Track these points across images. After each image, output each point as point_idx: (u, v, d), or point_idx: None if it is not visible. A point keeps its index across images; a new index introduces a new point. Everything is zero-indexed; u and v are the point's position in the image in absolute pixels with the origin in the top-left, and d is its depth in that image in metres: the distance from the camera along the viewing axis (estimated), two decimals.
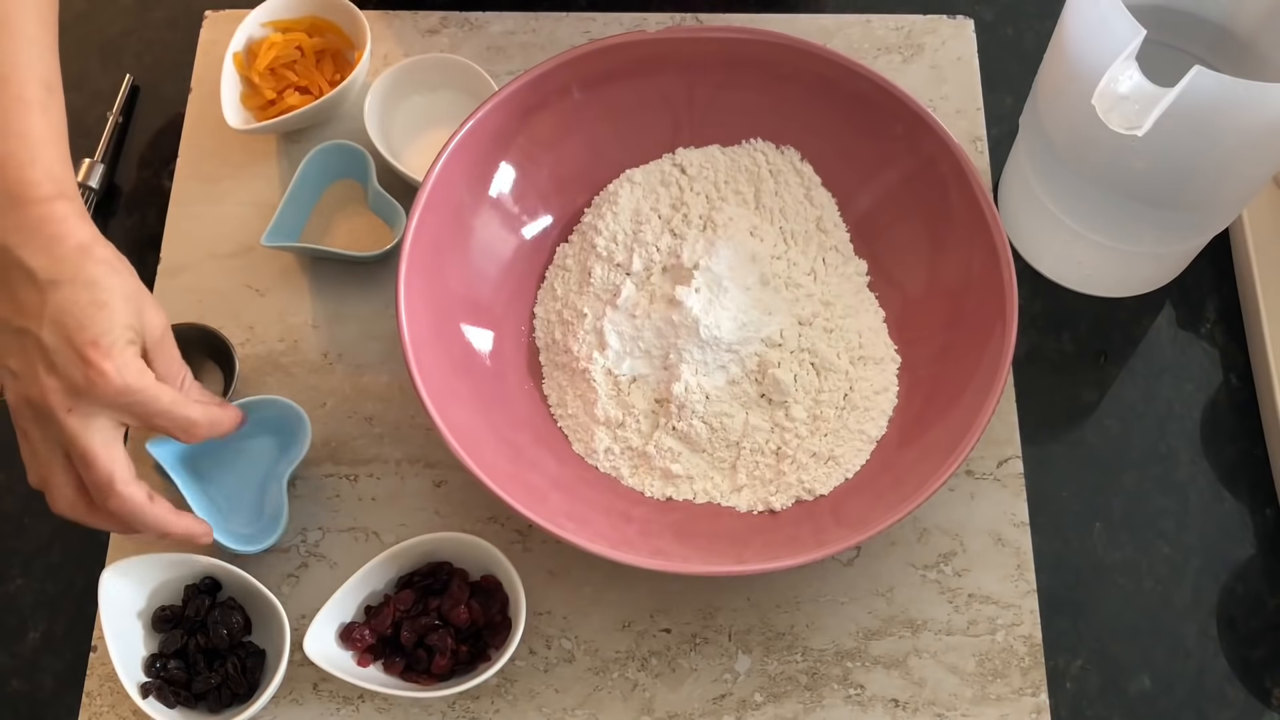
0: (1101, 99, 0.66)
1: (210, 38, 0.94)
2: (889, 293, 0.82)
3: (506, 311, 0.82)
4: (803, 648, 0.76)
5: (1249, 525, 0.80)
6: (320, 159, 0.86)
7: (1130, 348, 0.85)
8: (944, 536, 0.79)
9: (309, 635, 0.72)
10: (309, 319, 0.85)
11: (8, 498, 0.81)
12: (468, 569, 0.76)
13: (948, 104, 0.92)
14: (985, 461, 0.81)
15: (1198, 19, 0.79)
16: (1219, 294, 0.87)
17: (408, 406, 0.82)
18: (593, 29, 0.95)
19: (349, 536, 0.79)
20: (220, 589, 0.76)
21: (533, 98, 0.81)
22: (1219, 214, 0.79)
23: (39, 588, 0.78)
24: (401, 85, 0.89)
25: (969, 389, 0.74)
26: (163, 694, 0.72)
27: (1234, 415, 0.83)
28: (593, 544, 0.69)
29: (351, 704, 0.75)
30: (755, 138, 0.85)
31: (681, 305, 0.77)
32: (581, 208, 0.85)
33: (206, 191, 0.89)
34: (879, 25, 0.95)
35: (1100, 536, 0.80)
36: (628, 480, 0.78)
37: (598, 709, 0.75)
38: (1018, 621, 0.77)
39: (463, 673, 0.74)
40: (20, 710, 0.75)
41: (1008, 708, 0.74)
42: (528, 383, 0.81)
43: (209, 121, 0.90)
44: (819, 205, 0.83)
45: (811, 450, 0.76)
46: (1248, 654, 0.77)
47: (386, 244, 0.85)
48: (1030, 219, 0.85)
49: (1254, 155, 0.71)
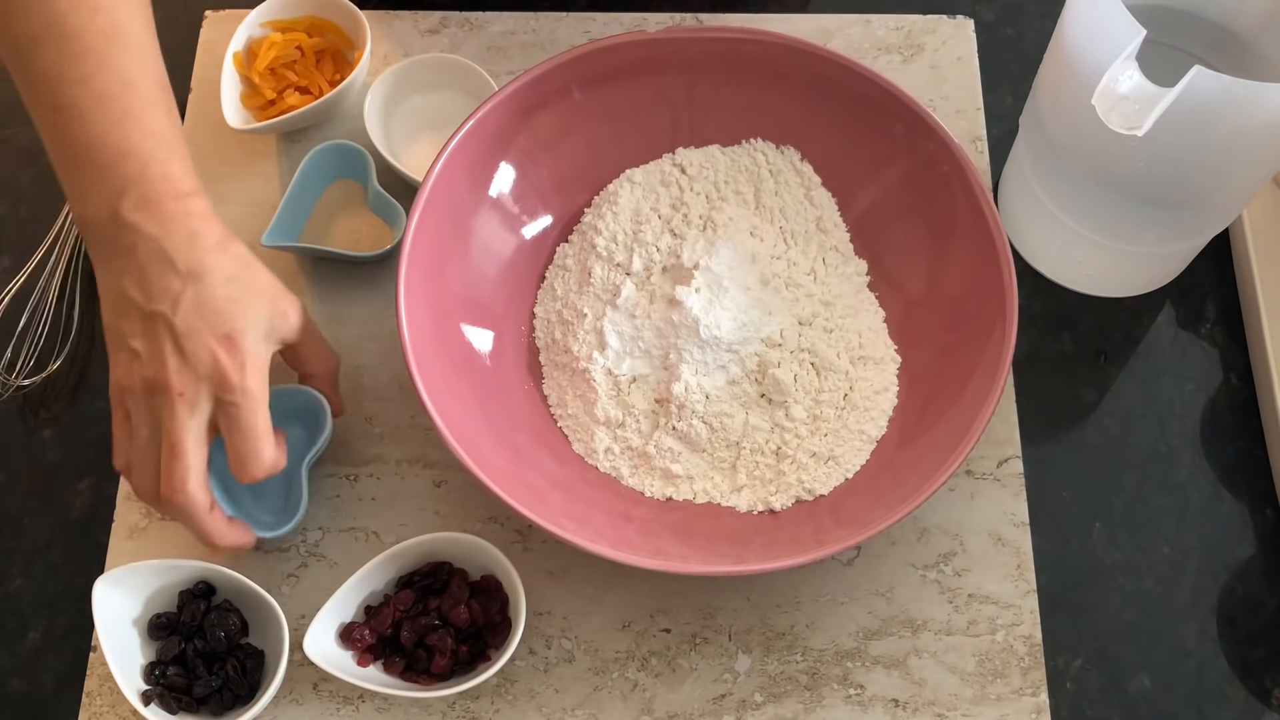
0: (1101, 99, 0.66)
1: (210, 38, 0.94)
2: (889, 293, 0.82)
3: (506, 311, 0.82)
4: (803, 648, 0.76)
5: (1249, 525, 0.80)
6: (320, 159, 0.86)
7: (1130, 348, 0.85)
8: (944, 536, 0.79)
9: (309, 635, 0.72)
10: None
11: (8, 498, 0.81)
12: (468, 569, 0.76)
13: (948, 104, 0.92)
14: (985, 461, 0.81)
15: (1198, 19, 0.79)
16: (1219, 294, 0.87)
17: (408, 406, 0.82)
18: (593, 29, 0.95)
19: (349, 536, 0.79)
20: (215, 592, 0.75)
21: (533, 98, 0.81)
22: (1219, 214, 0.79)
23: (39, 588, 0.78)
24: (401, 85, 0.89)
25: (969, 389, 0.74)
26: (164, 701, 0.72)
27: (1234, 415, 0.83)
28: (593, 544, 0.69)
29: (351, 704, 0.75)
30: (755, 138, 0.85)
31: (681, 305, 0.77)
32: (581, 208, 0.85)
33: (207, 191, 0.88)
34: (879, 25, 0.95)
35: (1100, 536, 0.80)
36: (628, 480, 0.78)
37: (598, 709, 0.75)
38: (1018, 621, 0.77)
39: (463, 673, 0.74)
40: (20, 710, 0.75)
41: (1008, 708, 0.74)
42: (528, 383, 0.81)
43: (209, 121, 0.90)
44: (819, 205, 0.83)
45: (811, 450, 0.76)
46: (1248, 654, 0.77)
47: (386, 244, 0.85)
48: (1030, 219, 0.85)
49: (1254, 155, 0.71)
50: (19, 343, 0.83)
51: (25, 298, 0.84)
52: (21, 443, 0.82)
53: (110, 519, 0.79)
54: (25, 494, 0.81)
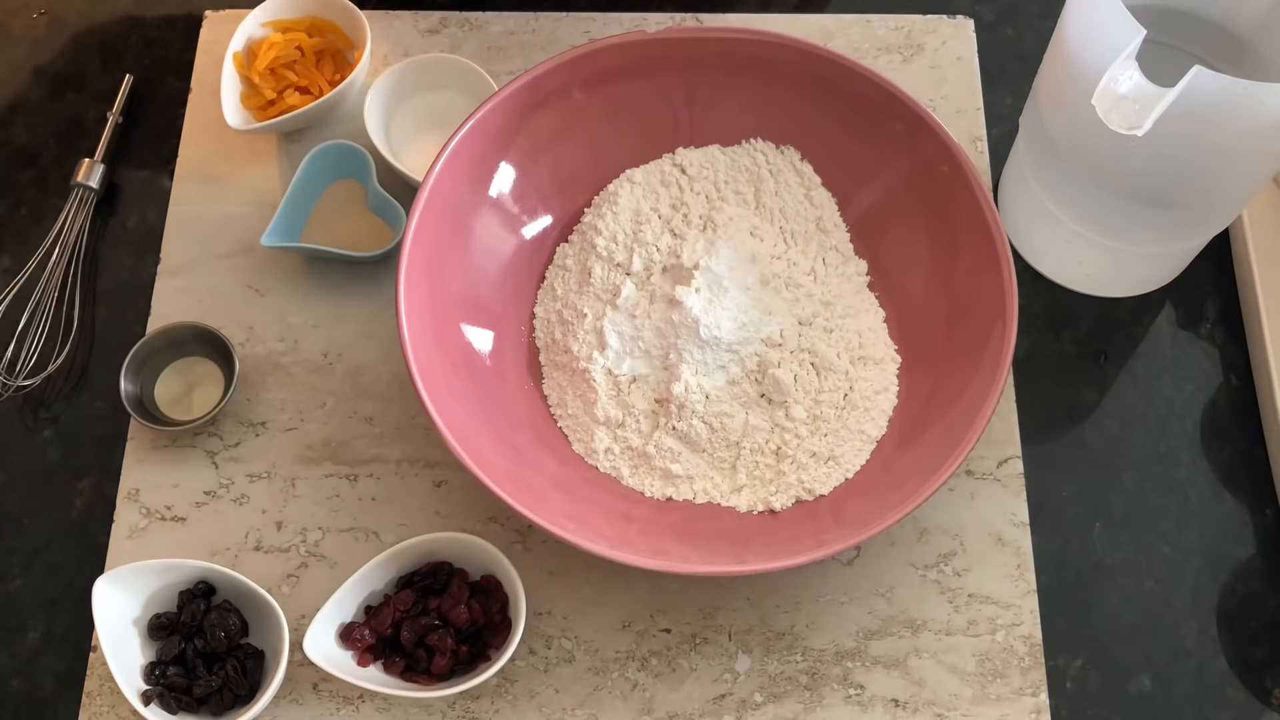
0: (1101, 99, 0.66)
1: (210, 38, 0.94)
2: (889, 293, 0.82)
3: (506, 311, 0.82)
4: (803, 648, 0.76)
5: (1249, 525, 0.80)
6: (320, 159, 0.86)
7: (1130, 348, 0.85)
8: (944, 536, 0.79)
9: (309, 635, 0.72)
10: (309, 319, 0.85)
11: (8, 498, 0.81)
12: (468, 569, 0.76)
13: (948, 104, 0.92)
14: (985, 461, 0.81)
15: (1198, 19, 0.79)
16: (1219, 294, 0.87)
17: (408, 406, 0.82)
18: (593, 29, 0.95)
19: (349, 536, 0.79)
20: (215, 592, 0.75)
21: (533, 98, 0.81)
22: (1219, 214, 0.79)
23: (39, 588, 0.78)
24: (401, 85, 0.89)
25: (969, 389, 0.74)
26: (164, 701, 0.72)
27: (1234, 415, 0.83)
28: (593, 544, 0.69)
29: (351, 704, 0.75)
30: (755, 138, 0.85)
31: (681, 305, 0.77)
32: (581, 208, 0.85)
33: (206, 191, 0.89)
34: (879, 25, 0.95)
35: (1100, 536, 0.80)
36: (628, 480, 0.78)
37: (598, 709, 0.75)
38: (1018, 621, 0.77)
39: (463, 673, 0.74)
40: (20, 710, 0.75)
41: (1008, 708, 0.74)
42: (528, 383, 0.81)
43: (209, 121, 0.90)
44: (819, 205, 0.83)
45: (811, 450, 0.76)
46: (1248, 654, 0.77)
47: (386, 244, 0.85)
48: (1030, 219, 0.85)
49: (1254, 155, 0.71)
50: (19, 343, 0.83)
51: (25, 298, 0.84)
52: (21, 443, 0.82)
53: (110, 519, 0.79)
54: (25, 494, 0.81)
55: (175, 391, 0.83)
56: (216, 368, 0.83)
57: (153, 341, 0.82)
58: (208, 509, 0.79)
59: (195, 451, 0.81)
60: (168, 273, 0.86)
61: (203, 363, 0.83)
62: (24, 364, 0.83)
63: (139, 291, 0.86)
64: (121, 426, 0.82)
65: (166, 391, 0.83)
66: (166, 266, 0.86)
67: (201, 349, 0.83)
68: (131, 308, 0.85)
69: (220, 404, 0.80)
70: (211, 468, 0.81)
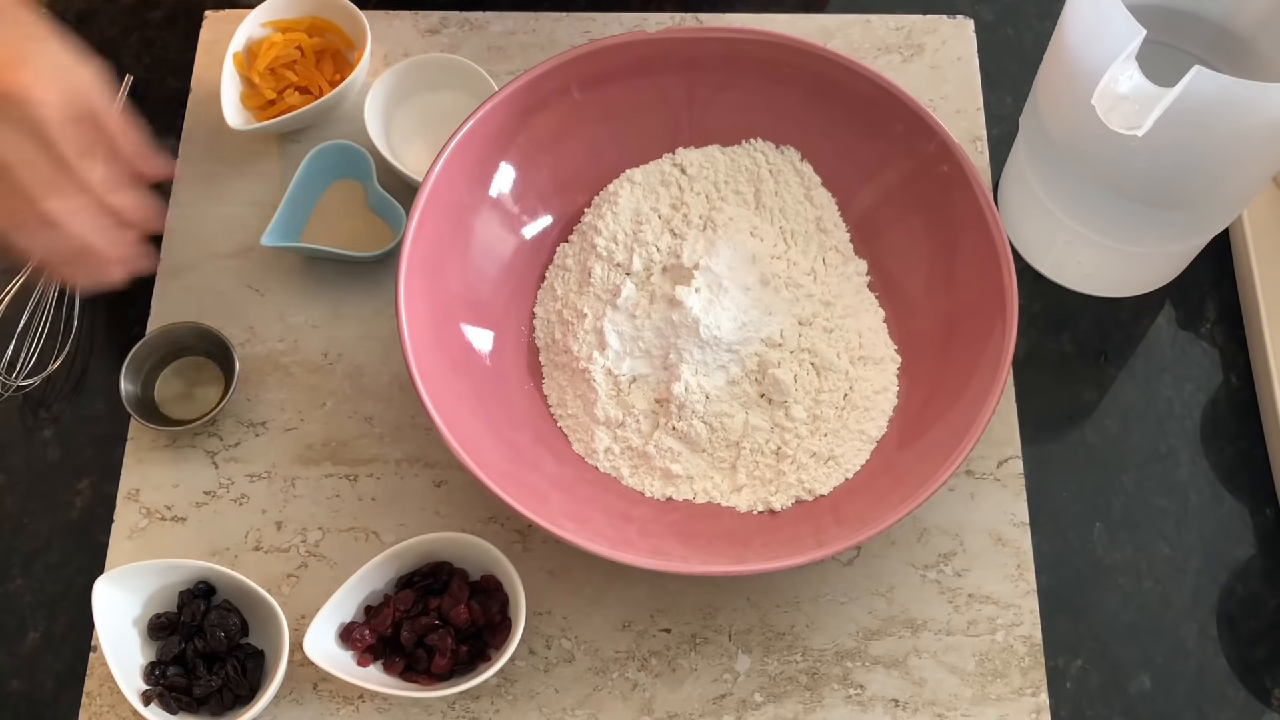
0: (1101, 99, 0.66)
1: (210, 38, 0.94)
2: (889, 293, 0.82)
3: (506, 311, 0.82)
4: (803, 648, 0.76)
5: (1249, 525, 0.80)
6: (320, 159, 0.86)
7: (1130, 348, 0.85)
8: (944, 536, 0.79)
9: (309, 635, 0.72)
10: (309, 319, 0.85)
11: (8, 498, 0.81)
12: (468, 569, 0.76)
13: (948, 104, 0.92)
14: (985, 461, 0.81)
15: (1198, 19, 0.79)
16: (1219, 294, 0.87)
17: (408, 406, 0.82)
18: (593, 29, 0.95)
19: (349, 536, 0.79)
20: (215, 592, 0.75)
21: (533, 98, 0.81)
22: (1219, 214, 0.79)
23: (39, 588, 0.78)
24: (401, 85, 0.89)
25: (969, 389, 0.74)
26: (164, 701, 0.72)
27: (1234, 415, 0.83)
28: (593, 544, 0.69)
29: (351, 704, 0.75)
30: (755, 138, 0.85)
31: (681, 305, 0.77)
32: (581, 208, 0.85)
33: (206, 191, 0.89)
34: (879, 25, 0.95)
35: (1100, 536, 0.80)
36: (628, 480, 0.78)
37: (598, 709, 0.75)
38: (1018, 621, 0.77)
39: (463, 673, 0.74)
40: (20, 710, 0.75)
41: (1008, 708, 0.74)
42: (528, 383, 0.81)
43: (209, 121, 0.90)
44: (819, 205, 0.83)
45: (811, 450, 0.76)
46: (1248, 654, 0.77)
47: (386, 244, 0.85)
48: (1030, 219, 0.85)
49: (1254, 155, 0.71)
50: (19, 343, 0.83)
51: (25, 298, 0.84)
52: (21, 443, 0.82)
53: (110, 519, 0.79)
54: (25, 494, 0.81)
55: (175, 391, 0.83)
56: (216, 368, 0.83)
57: (153, 341, 0.82)
58: (208, 509, 0.79)
59: (195, 451, 0.81)
60: (168, 273, 0.86)
61: (203, 363, 0.83)
62: (24, 364, 0.83)
63: (139, 291, 0.86)
64: (121, 426, 0.82)
65: (166, 391, 0.83)
66: (166, 266, 0.86)
67: (201, 349, 0.83)
68: (131, 308, 0.85)
69: (220, 404, 0.80)
70: (211, 468, 0.81)
